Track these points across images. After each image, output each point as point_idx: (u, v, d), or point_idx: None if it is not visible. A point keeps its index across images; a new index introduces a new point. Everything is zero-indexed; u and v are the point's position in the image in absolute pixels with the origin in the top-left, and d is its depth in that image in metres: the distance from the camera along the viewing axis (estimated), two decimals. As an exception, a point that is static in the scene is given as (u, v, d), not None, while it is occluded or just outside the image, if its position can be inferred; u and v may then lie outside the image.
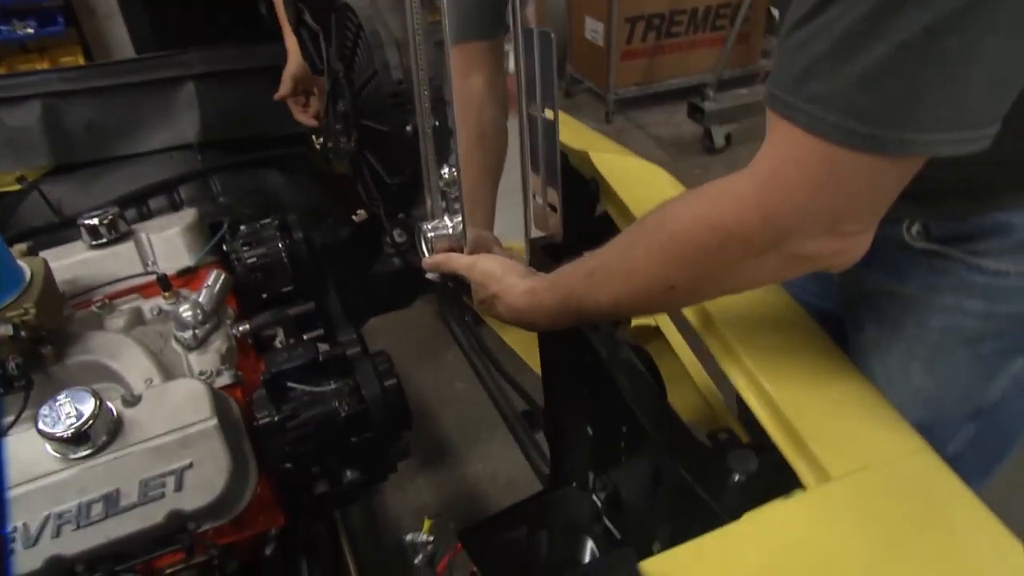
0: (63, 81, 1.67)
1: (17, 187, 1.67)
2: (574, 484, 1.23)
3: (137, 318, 1.29)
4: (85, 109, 1.67)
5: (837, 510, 0.80)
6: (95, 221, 1.34)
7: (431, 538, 0.96)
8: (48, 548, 0.93)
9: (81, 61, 3.57)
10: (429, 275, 1.13)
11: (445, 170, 1.05)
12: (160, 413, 1.00)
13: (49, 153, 1.64)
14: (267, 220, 1.47)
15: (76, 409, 0.94)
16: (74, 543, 0.94)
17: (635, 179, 1.35)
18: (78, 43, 3.69)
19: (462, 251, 1.09)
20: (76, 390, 0.96)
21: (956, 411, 1.01)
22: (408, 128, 1.15)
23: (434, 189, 1.08)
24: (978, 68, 0.54)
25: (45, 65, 3.36)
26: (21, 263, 1.11)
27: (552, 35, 0.86)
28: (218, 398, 1.06)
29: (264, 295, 1.45)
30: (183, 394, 1.03)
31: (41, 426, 0.93)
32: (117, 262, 1.35)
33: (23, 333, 1.03)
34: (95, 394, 0.96)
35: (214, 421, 0.99)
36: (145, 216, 1.64)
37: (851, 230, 0.66)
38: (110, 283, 1.30)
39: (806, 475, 0.87)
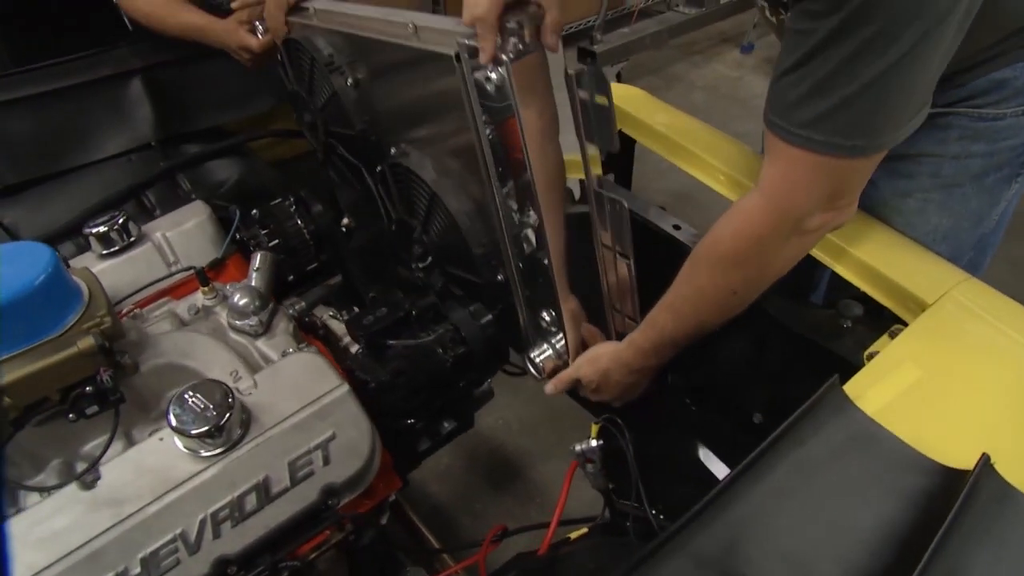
0: (-6, 91, 1.50)
1: (-41, 218, 1.49)
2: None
3: (177, 321, 1.21)
4: (24, 120, 1.50)
5: (946, 331, 0.92)
6: (104, 228, 1.23)
7: (601, 442, 0.98)
8: (212, 550, 0.88)
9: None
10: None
11: (545, 315, 1.13)
12: (284, 392, 0.96)
13: (-10, 174, 1.47)
14: (279, 200, 1.40)
15: (209, 402, 0.89)
16: (235, 540, 0.90)
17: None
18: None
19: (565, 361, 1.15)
20: (201, 383, 0.91)
21: (967, 240, 1.17)
22: (349, 82, 1.24)
23: (531, 328, 1.14)
24: (920, 84, 0.79)
25: None
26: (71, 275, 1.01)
27: (626, 204, 0.95)
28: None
29: (290, 277, 1.40)
30: (300, 368, 0.99)
31: (176, 424, 0.87)
32: (137, 267, 1.25)
33: (105, 343, 0.94)
34: (223, 384, 0.90)
35: (345, 386, 0.96)
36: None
37: (844, 203, 0.89)
38: (144, 288, 1.21)
39: (903, 312, 0.98)
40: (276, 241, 1.36)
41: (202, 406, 0.88)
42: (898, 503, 0.71)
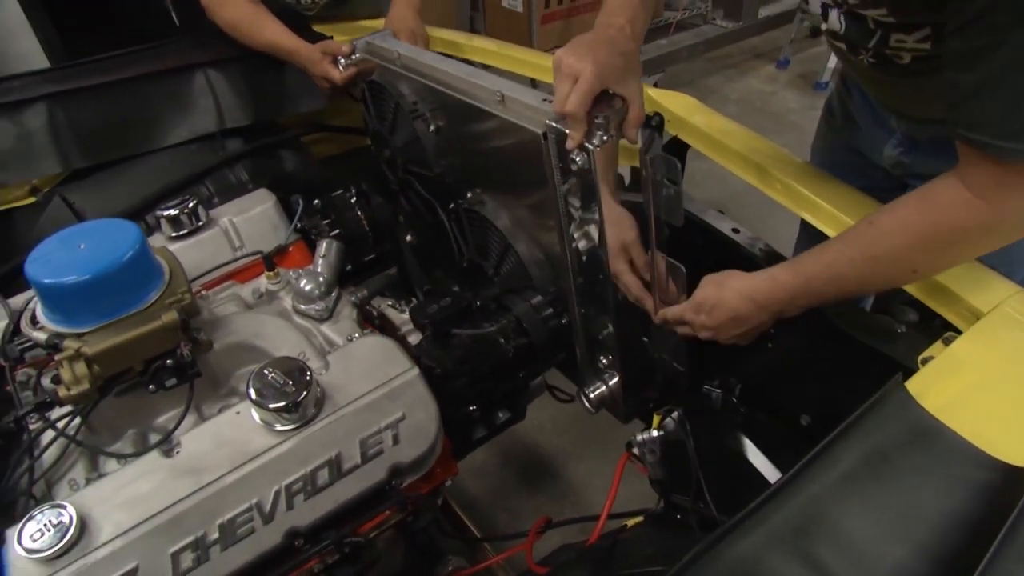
0: (65, 80, 1.54)
1: (32, 200, 1.54)
2: (704, 387, 1.30)
3: (242, 304, 1.25)
4: (94, 108, 1.55)
5: (1001, 339, 0.93)
6: (175, 212, 1.27)
7: (662, 433, 1.00)
8: (285, 521, 0.91)
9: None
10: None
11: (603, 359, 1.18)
12: (356, 373, 0.99)
13: (61, 159, 1.51)
14: (339, 191, 1.44)
15: (287, 379, 0.92)
16: (306, 513, 0.93)
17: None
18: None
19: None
20: (280, 360, 0.94)
21: (1019, 257, 1.18)
22: (431, 128, 1.32)
23: (588, 368, 1.19)
24: None
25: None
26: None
27: (683, 270, 1.02)
28: (398, 351, 1.05)
29: (348, 266, 1.43)
30: (372, 351, 1.02)
31: (255, 398, 0.91)
32: (204, 251, 1.29)
33: (186, 319, 0.98)
34: (301, 362, 0.94)
35: (416, 370, 0.99)
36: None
37: None
38: (215, 269, 1.24)
39: (957, 320, 1.00)
40: (336, 231, 1.40)
41: (281, 382, 0.91)
42: (963, 495, 0.73)
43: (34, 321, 0.97)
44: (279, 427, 0.93)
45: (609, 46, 0.94)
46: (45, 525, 0.83)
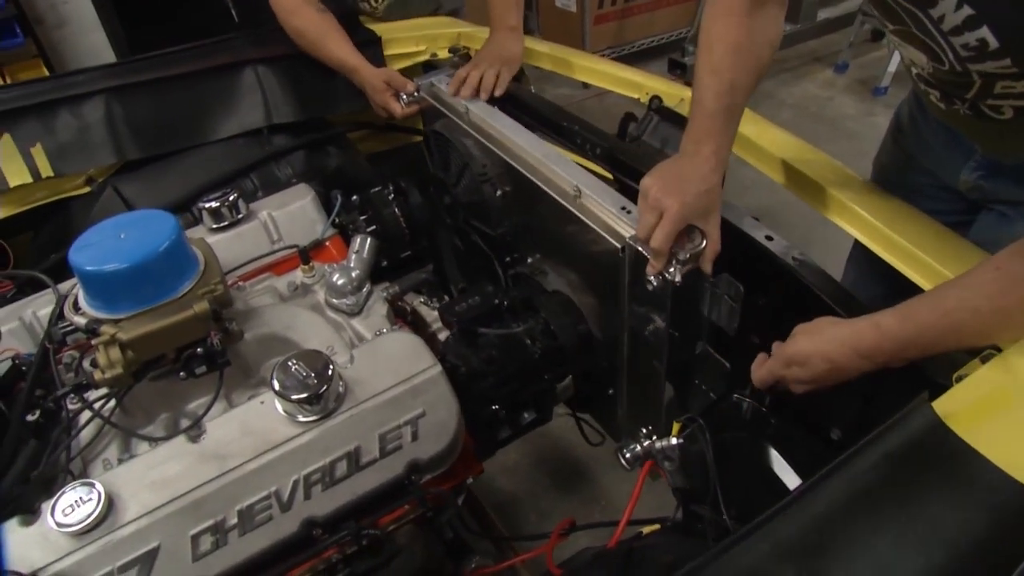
0: (123, 75, 1.60)
1: (87, 189, 1.60)
2: (735, 396, 1.28)
3: (277, 296, 1.27)
4: (149, 102, 1.61)
5: None
6: (216, 204, 1.31)
7: (681, 440, 0.99)
8: (302, 510, 0.93)
9: (45, 73, 3.40)
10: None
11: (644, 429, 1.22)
12: (379, 368, 1.01)
13: (116, 150, 1.57)
14: (378, 188, 1.46)
15: (310, 371, 0.94)
16: (324, 503, 0.94)
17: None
18: (37, 56, 3.51)
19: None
20: (304, 353, 0.96)
21: None
22: (498, 193, 1.36)
23: (627, 430, 1.26)
24: None
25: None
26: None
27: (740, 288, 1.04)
28: (423, 348, 1.06)
29: (384, 263, 1.45)
30: (397, 347, 1.03)
31: (278, 389, 0.93)
32: (243, 243, 1.32)
33: (218, 309, 1.01)
34: (325, 356, 0.95)
35: (439, 367, 1.00)
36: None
37: None
38: (252, 261, 1.27)
39: None
40: (373, 227, 1.42)
41: (304, 374, 0.93)
42: (987, 522, 0.70)
43: (76, 306, 1.02)
44: (301, 418, 0.95)
45: (696, 182, 0.97)
46: (76, 501, 0.86)
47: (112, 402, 1.01)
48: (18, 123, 1.51)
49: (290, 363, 0.94)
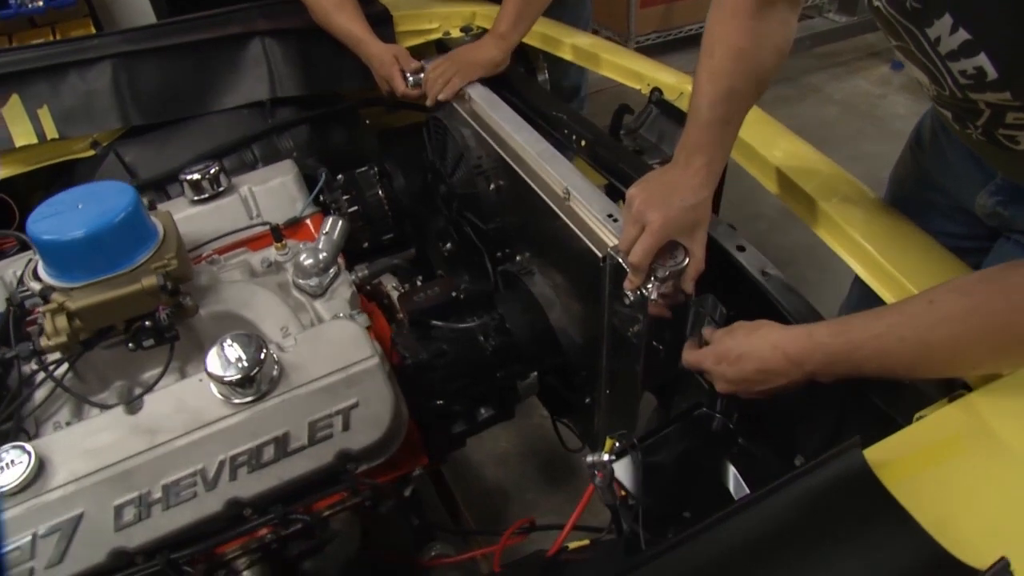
0: (132, 41, 1.63)
1: (91, 152, 1.64)
2: (704, 408, 1.24)
3: (250, 271, 1.28)
4: (155, 69, 1.63)
5: (1013, 407, 0.80)
6: (197, 176, 1.32)
7: (613, 457, 0.97)
8: (227, 491, 0.93)
9: (93, 31, 3.49)
10: None
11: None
12: (319, 354, 1.00)
13: (121, 115, 1.60)
14: (363, 168, 1.45)
15: (243, 353, 0.94)
16: (250, 485, 0.94)
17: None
18: (87, 15, 3.60)
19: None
20: (239, 335, 0.96)
21: None
22: (491, 187, 1.33)
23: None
24: None
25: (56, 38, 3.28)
26: (151, 216, 1.09)
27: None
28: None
29: (365, 244, 1.45)
30: (340, 334, 1.02)
31: (212, 370, 0.93)
32: (221, 216, 1.33)
33: (168, 284, 1.01)
34: (259, 339, 0.95)
35: (376, 359, 0.99)
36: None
37: None
38: (222, 236, 1.28)
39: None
40: (355, 208, 1.41)
41: (236, 356, 0.93)
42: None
43: (36, 273, 1.04)
44: (235, 400, 0.96)
45: (683, 195, 0.93)
46: (8, 463, 0.88)
47: (64, 366, 1.04)
48: (27, 84, 1.54)
49: (226, 344, 0.94)
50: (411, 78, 1.57)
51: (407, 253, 1.47)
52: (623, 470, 1.05)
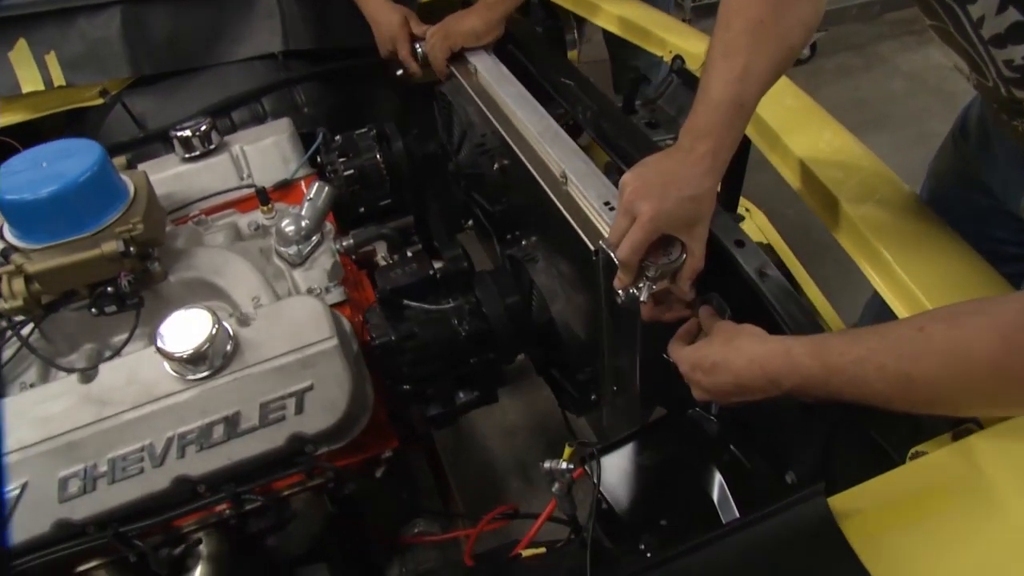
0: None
1: (100, 101, 1.61)
2: (697, 408, 1.16)
3: (235, 234, 1.24)
4: (166, 17, 1.59)
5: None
6: (188, 133, 1.27)
7: (571, 466, 0.91)
8: (174, 468, 0.91)
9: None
10: None
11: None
12: (277, 332, 0.96)
13: (130, 64, 1.57)
14: (363, 130, 1.38)
15: (194, 328, 0.90)
16: (198, 464, 0.91)
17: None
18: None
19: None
20: (192, 308, 0.92)
21: None
22: (495, 167, 1.24)
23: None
24: None
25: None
26: (124, 177, 1.05)
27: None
28: (332, 317, 1.00)
29: (361, 208, 1.39)
30: (300, 312, 0.97)
31: (160, 345, 0.89)
32: (211, 175, 1.29)
33: (132, 249, 0.98)
34: (212, 313, 0.91)
35: (335, 341, 0.94)
36: (229, 130, 1.57)
37: None
38: (206, 197, 1.24)
39: None
40: (351, 171, 1.35)
41: (186, 332, 0.89)
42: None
43: (2, 233, 1.01)
44: (188, 376, 0.92)
45: (681, 185, 0.82)
46: (-41, 426, 0.87)
47: (30, 327, 1.02)
48: (34, 29, 1.52)
49: (176, 318, 0.91)
50: (420, 49, 1.46)
51: (404, 220, 1.41)
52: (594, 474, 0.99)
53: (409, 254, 1.28)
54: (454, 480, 1.59)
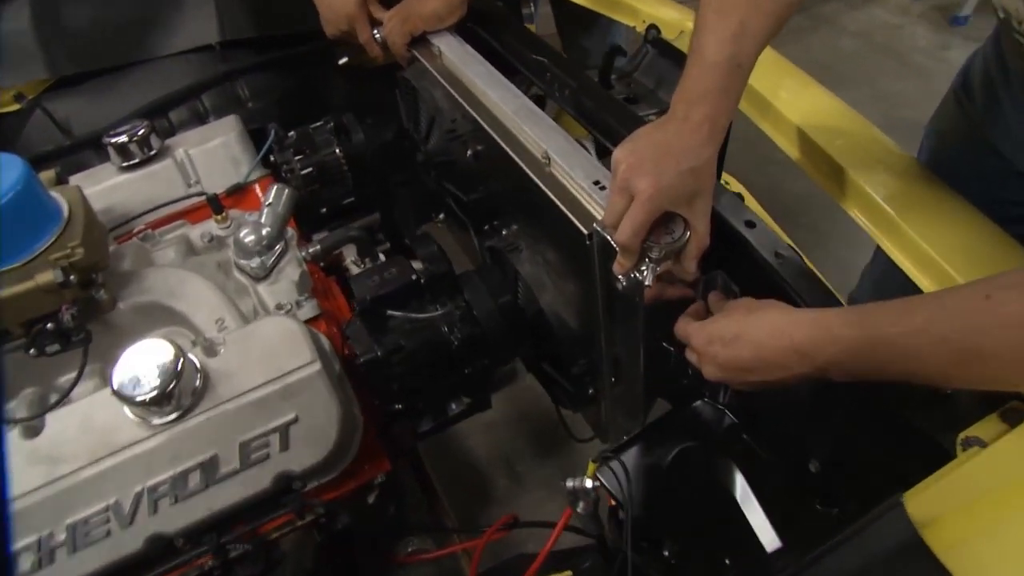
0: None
1: (16, 107, 1.45)
2: (705, 398, 1.10)
3: (188, 248, 1.12)
4: (85, 8, 1.43)
5: None
6: (124, 139, 1.14)
7: (597, 484, 0.83)
8: (147, 526, 0.80)
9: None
10: None
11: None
12: (251, 360, 0.85)
13: (47, 63, 1.41)
14: (318, 123, 1.26)
15: (154, 365, 0.78)
16: (174, 518, 0.80)
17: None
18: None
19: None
20: (149, 339, 0.80)
21: None
22: (468, 153, 1.13)
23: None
24: None
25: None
26: (54, 194, 0.92)
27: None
28: (310, 336, 0.90)
29: (323, 209, 1.28)
30: (273, 335, 0.87)
31: (118, 389, 0.78)
32: (154, 185, 1.16)
33: (72, 277, 0.85)
34: (173, 343, 0.80)
35: (317, 365, 0.84)
36: (167, 132, 1.42)
37: None
38: (151, 210, 1.11)
39: None
40: (309, 169, 1.24)
41: (145, 369, 0.78)
42: None
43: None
44: (154, 420, 0.81)
45: (679, 157, 0.75)
46: None
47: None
48: None
49: (131, 356, 0.79)
50: (378, 35, 1.30)
51: (370, 219, 1.31)
52: (611, 482, 0.91)
53: (382, 257, 1.18)
54: (439, 485, 1.50)
